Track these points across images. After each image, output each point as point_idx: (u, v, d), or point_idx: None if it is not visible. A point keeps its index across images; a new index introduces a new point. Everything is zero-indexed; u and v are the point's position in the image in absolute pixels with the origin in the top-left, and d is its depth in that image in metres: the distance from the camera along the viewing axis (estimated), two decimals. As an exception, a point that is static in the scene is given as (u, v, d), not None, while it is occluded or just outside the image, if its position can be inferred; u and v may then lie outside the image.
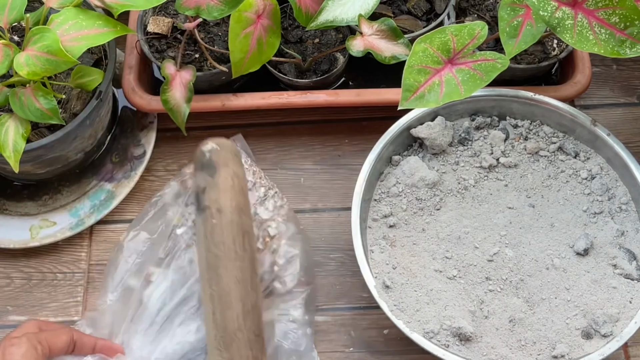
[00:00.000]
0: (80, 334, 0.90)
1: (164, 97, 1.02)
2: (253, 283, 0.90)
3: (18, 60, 0.89)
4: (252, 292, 0.89)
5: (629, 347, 0.98)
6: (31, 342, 0.83)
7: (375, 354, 0.98)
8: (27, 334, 0.84)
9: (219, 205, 0.89)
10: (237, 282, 0.88)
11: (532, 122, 1.02)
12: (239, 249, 0.89)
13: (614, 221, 0.97)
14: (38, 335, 0.85)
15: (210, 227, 0.89)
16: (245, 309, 0.87)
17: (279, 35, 1.01)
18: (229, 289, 0.87)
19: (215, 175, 0.90)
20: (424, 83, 0.90)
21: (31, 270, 1.05)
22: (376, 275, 0.93)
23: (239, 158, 0.95)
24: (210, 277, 0.88)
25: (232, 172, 0.91)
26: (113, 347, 0.92)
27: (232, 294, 0.87)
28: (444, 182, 0.99)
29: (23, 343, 0.83)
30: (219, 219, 0.89)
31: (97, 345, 0.90)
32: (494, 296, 0.93)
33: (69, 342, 0.87)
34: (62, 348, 0.87)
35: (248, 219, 0.92)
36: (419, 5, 1.11)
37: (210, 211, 0.89)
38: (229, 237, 0.89)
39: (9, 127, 0.94)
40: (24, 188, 1.08)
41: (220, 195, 0.90)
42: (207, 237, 0.89)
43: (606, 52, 0.86)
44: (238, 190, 0.91)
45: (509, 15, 0.91)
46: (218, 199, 0.89)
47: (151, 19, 1.09)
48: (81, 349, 0.89)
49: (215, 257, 0.88)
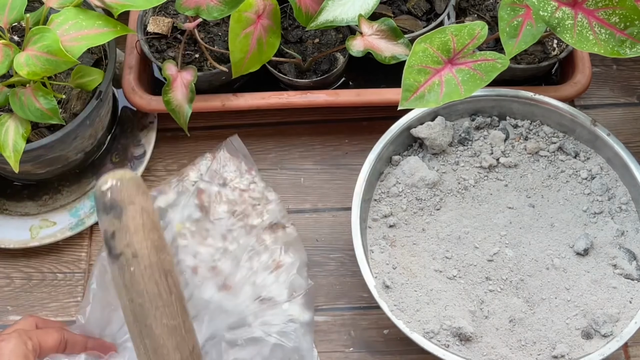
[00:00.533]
0: (71, 334, 0.89)
1: (166, 98, 1.02)
2: (186, 325, 0.83)
3: (18, 60, 0.89)
4: (187, 336, 0.83)
5: (629, 347, 0.98)
6: (21, 337, 0.82)
7: (375, 354, 0.98)
8: (18, 330, 0.83)
9: (133, 250, 0.81)
10: (170, 330, 0.81)
11: (532, 122, 1.02)
12: (164, 294, 0.82)
13: (614, 221, 0.97)
14: (29, 332, 0.84)
15: (129, 275, 0.81)
16: (184, 357, 0.82)
17: (279, 35, 1.01)
18: (163, 341, 0.81)
19: (123, 216, 0.82)
20: (424, 83, 0.90)
21: (31, 270, 1.05)
22: (376, 275, 0.93)
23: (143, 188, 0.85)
24: (139, 330, 0.82)
25: (139, 209, 0.83)
26: (105, 344, 0.91)
27: (167, 344, 0.81)
28: (444, 182, 0.99)
29: (13, 338, 0.82)
30: (136, 265, 0.81)
31: (89, 343, 0.89)
32: (494, 296, 0.93)
33: (59, 340, 0.86)
34: (53, 346, 0.86)
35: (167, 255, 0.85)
36: (419, 5, 1.11)
37: (125, 258, 0.81)
38: (151, 282, 0.81)
39: (9, 127, 0.94)
40: (24, 188, 1.08)
41: (132, 239, 0.81)
42: (127, 287, 0.81)
43: (606, 52, 0.86)
44: (150, 227, 0.83)
45: (509, 15, 0.91)
46: (131, 243, 0.81)
47: (151, 19, 1.09)
48: (73, 347, 0.88)
49: (141, 307, 0.81)
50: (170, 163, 1.11)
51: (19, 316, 1.01)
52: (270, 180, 1.09)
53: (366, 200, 0.97)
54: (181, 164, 1.11)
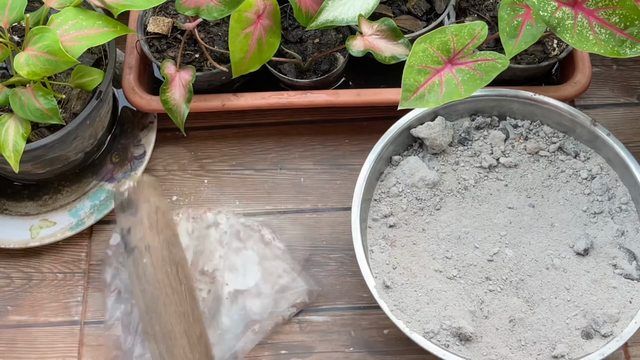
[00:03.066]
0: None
1: (163, 97, 1.02)
2: (195, 314, 0.89)
3: (18, 60, 0.89)
4: (194, 324, 0.88)
5: (629, 347, 0.98)
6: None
7: (375, 354, 0.98)
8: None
9: (146, 243, 0.88)
10: (178, 316, 0.87)
11: (532, 122, 1.02)
12: (174, 283, 0.88)
13: (614, 221, 0.97)
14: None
15: (142, 266, 0.88)
16: (192, 342, 0.86)
17: (279, 35, 1.01)
18: (172, 326, 0.86)
19: (138, 213, 0.90)
20: (424, 83, 0.90)
21: (31, 270, 1.05)
22: (376, 275, 0.93)
23: (159, 190, 0.93)
24: (150, 317, 0.87)
25: (154, 207, 0.90)
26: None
27: (175, 329, 0.86)
28: (444, 182, 0.99)
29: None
30: (149, 258, 0.88)
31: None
32: (494, 296, 0.93)
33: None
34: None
35: (179, 250, 0.91)
36: (419, 5, 1.11)
37: (139, 250, 0.88)
38: (162, 273, 0.88)
39: (9, 127, 0.94)
40: (24, 188, 1.08)
41: (146, 233, 0.89)
42: (141, 277, 0.88)
43: (606, 52, 0.86)
44: (163, 224, 0.90)
45: (509, 15, 0.91)
46: (145, 237, 0.89)
47: (151, 19, 1.09)
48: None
49: (152, 296, 0.87)
50: (170, 163, 1.11)
51: (19, 316, 1.02)
52: (270, 180, 1.09)
53: (366, 200, 0.97)
54: (181, 164, 1.11)
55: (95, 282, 1.03)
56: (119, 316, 0.97)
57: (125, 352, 0.96)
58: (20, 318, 1.02)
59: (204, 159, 1.11)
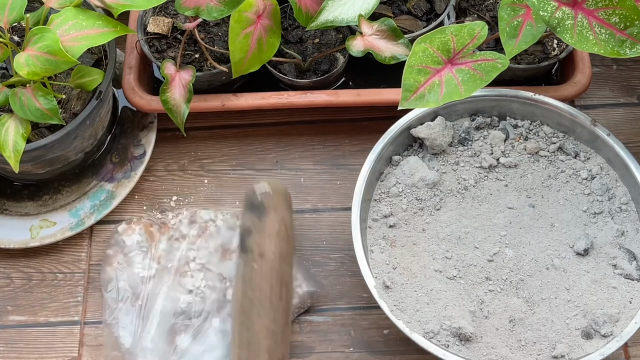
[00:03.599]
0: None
1: (163, 97, 1.02)
2: (284, 335, 0.89)
3: (18, 60, 0.89)
4: (281, 345, 0.89)
5: (629, 347, 0.98)
6: None
7: (375, 354, 0.98)
8: None
9: (261, 250, 0.89)
10: (268, 332, 0.87)
11: (532, 122, 1.02)
12: (274, 299, 0.88)
13: (614, 221, 0.97)
14: None
15: (250, 270, 0.89)
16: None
17: (279, 35, 1.01)
18: (259, 339, 0.87)
19: (263, 218, 0.90)
20: (424, 83, 0.90)
21: (31, 270, 1.05)
22: (376, 275, 0.93)
23: (289, 204, 0.94)
24: (242, 321, 0.88)
25: (280, 218, 0.91)
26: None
27: (261, 343, 0.87)
28: (444, 182, 0.99)
29: None
30: (259, 264, 0.89)
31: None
32: (494, 296, 0.93)
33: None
34: None
35: (289, 268, 0.92)
36: (419, 5, 1.11)
37: (252, 254, 0.89)
38: (266, 284, 0.88)
39: (9, 127, 0.94)
40: (24, 188, 1.08)
41: (264, 240, 0.90)
42: (245, 280, 0.89)
43: (606, 52, 0.86)
44: (283, 237, 0.91)
45: (509, 15, 0.91)
46: (262, 244, 0.90)
47: (151, 19, 1.09)
48: None
49: (251, 302, 0.88)
50: (171, 163, 1.11)
51: (19, 316, 1.02)
52: (270, 180, 1.10)
53: (366, 200, 0.97)
54: (181, 164, 1.11)
55: (95, 282, 1.03)
56: (118, 316, 0.97)
57: (125, 352, 0.96)
58: (20, 318, 1.02)
59: (204, 159, 1.11)
